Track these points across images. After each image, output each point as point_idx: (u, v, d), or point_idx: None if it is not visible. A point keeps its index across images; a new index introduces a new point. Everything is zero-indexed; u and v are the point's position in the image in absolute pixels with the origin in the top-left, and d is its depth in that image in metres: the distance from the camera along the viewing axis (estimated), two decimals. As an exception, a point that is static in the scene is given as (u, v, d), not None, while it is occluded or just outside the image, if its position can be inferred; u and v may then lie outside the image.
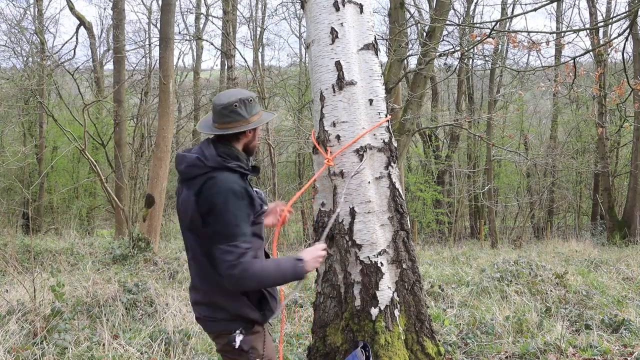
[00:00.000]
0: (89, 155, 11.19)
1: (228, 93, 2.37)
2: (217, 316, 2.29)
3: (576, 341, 4.25)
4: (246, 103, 2.33)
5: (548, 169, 19.97)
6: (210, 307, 2.29)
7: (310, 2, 3.31)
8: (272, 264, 2.28)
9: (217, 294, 2.26)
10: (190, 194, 2.23)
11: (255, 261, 2.18)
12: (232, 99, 2.31)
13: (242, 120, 2.31)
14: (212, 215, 2.17)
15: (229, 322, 2.28)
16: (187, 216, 2.26)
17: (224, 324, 2.28)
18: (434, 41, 10.31)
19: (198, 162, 2.23)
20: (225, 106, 2.30)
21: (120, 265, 8.07)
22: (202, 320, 2.35)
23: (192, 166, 2.24)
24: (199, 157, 2.24)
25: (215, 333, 2.33)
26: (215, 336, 2.34)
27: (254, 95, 2.40)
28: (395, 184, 3.26)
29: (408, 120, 10.36)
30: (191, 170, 2.25)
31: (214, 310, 2.29)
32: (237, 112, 2.30)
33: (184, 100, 23.46)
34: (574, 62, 6.55)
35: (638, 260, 9.13)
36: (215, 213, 2.16)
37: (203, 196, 2.19)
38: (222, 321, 2.29)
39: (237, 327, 2.27)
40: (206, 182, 2.20)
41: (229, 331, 2.27)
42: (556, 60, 19.01)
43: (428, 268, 8.40)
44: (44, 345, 3.91)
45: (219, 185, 2.19)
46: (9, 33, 18.37)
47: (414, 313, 3.22)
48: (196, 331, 4.49)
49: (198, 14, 20.70)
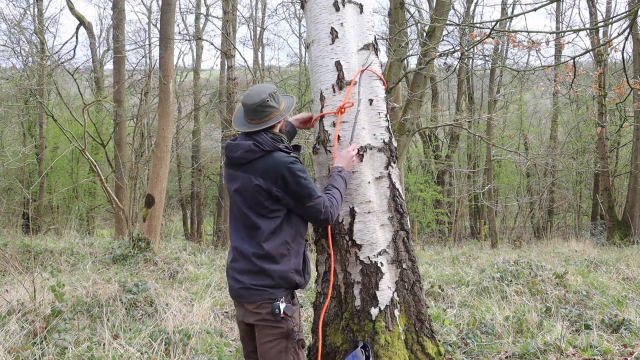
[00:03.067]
0: (89, 155, 11.18)
1: (257, 91, 2.69)
2: (263, 283, 2.55)
3: (576, 341, 4.25)
4: (273, 95, 2.69)
5: (548, 169, 19.97)
6: (258, 275, 2.56)
7: (310, 2, 3.31)
8: (332, 189, 2.78)
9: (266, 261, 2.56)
10: (250, 177, 2.60)
11: (328, 197, 2.71)
12: (263, 95, 2.65)
13: (275, 111, 2.69)
14: (288, 185, 2.57)
15: (273, 288, 2.56)
16: (247, 197, 2.62)
17: (268, 292, 2.55)
18: (434, 41, 10.30)
19: (255, 147, 2.60)
20: (260, 104, 2.64)
21: (120, 265, 8.07)
22: (244, 290, 2.58)
23: (249, 152, 2.61)
24: (255, 143, 2.61)
25: (258, 302, 2.56)
26: (257, 306, 2.57)
27: (275, 87, 2.77)
28: (395, 184, 3.26)
29: (408, 120, 10.35)
30: (247, 155, 2.61)
31: (260, 277, 2.56)
32: (270, 105, 2.66)
33: (184, 100, 23.46)
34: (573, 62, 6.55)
35: (638, 260, 9.14)
36: (289, 182, 2.57)
37: (271, 174, 2.57)
38: (267, 288, 2.55)
39: (281, 295, 2.56)
40: (268, 163, 2.58)
41: (273, 299, 2.55)
42: (556, 60, 19.01)
43: (428, 268, 8.41)
44: (44, 345, 3.91)
45: (280, 161, 2.58)
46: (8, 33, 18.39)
47: (414, 313, 3.22)
48: (196, 331, 4.49)
49: (198, 14, 20.70)
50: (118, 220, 13.32)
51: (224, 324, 5.08)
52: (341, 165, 2.92)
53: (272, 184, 2.57)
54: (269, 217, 2.59)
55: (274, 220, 2.60)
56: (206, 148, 23.71)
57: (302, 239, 2.71)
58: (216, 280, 6.92)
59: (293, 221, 2.66)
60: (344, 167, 2.92)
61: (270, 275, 2.56)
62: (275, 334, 2.57)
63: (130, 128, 18.17)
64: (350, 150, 2.99)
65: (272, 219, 2.59)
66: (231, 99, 16.59)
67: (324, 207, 2.65)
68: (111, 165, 16.21)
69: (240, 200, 2.66)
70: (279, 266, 2.57)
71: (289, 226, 2.64)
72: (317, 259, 3.23)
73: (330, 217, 2.69)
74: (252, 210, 2.62)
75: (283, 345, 2.57)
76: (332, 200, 2.73)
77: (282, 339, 2.57)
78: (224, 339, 4.63)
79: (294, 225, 2.66)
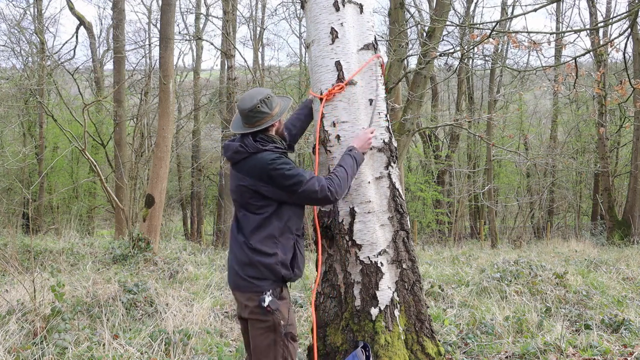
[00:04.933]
0: (89, 155, 11.18)
1: (249, 96, 2.76)
2: (251, 274, 2.66)
3: (576, 341, 4.24)
4: (266, 101, 2.75)
5: (548, 169, 19.97)
6: (247, 266, 2.68)
7: (310, 2, 3.31)
8: (337, 168, 2.84)
9: (253, 253, 2.67)
10: (238, 175, 2.73)
11: (328, 176, 2.77)
12: (255, 101, 2.72)
13: (266, 116, 2.75)
14: (274, 179, 2.64)
15: (259, 280, 2.66)
16: (238, 193, 2.75)
17: (255, 283, 2.65)
18: (434, 41, 10.29)
19: (240, 148, 2.72)
20: (251, 109, 2.72)
21: (120, 265, 8.07)
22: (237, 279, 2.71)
23: (236, 152, 2.73)
24: (241, 144, 2.73)
25: (247, 294, 2.68)
26: (247, 299, 2.68)
27: (269, 91, 2.83)
28: (395, 184, 3.26)
29: (408, 120, 10.35)
30: (235, 155, 2.74)
31: (249, 268, 2.67)
32: (262, 111, 2.73)
33: (184, 100, 23.45)
34: (574, 62, 6.53)
35: (638, 260, 9.14)
36: (275, 177, 2.64)
37: (255, 173, 2.66)
38: (253, 280, 2.66)
39: (268, 288, 2.65)
40: (252, 164, 2.68)
41: (260, 291, 2.64)
42: (556, 60, 19.00)
43: (428, 268, 8.40)
44: (44, 345, 3.91)
45: (263, 160, 2.66)
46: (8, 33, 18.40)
47: (414, 313, 3.22)
48: (196, 331, 4.49)
49: (198, 14, 20.70)
50: (118, 220, 13.32)
51: (224, 324, 5.08)
52: (355, 144, 2.98)
53: (257, 181, 2.67)
54: (256, 212, 2.71)
55: (260, 215, 2.70)
56: (206, 148, 23.71)
57: (291, 234, 2.75)
58: (216, 280, 6.92)
59: (284, 216, 2.73)
60: (358, 147, 2.97)
61: (257, 266, 2.66)
62: (264, 327, 2.66)
63: (130, 128, 18.16)
64: (368, 131, 3.07)
65: (259, 215, 2.70)
66: (231, 99, 16.59)
67: (319, 186, 2.68)
68: (111, 165, 16.20)
69: (234, 195, 2.82)
70: (265, 258, 2.66)
71: (278, 220, 2.71)
72: (317, 259, 3.23)
73: (332, 195, 2.71)
74: (242, 206, 2.76)
75: (272, 338, 2.66)
76: (334, 179, 2.76)
77: (270, 332, 2.66)
78: (224, 339, 4.63)
79: (284, 220, 2.73)
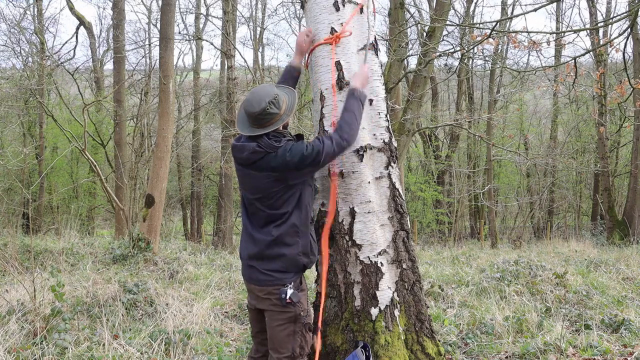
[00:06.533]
0: (88, 155, 11.18)
1: (257, 99, 2.72)
2: (273, 267, 2.71)
3: (576, 341, 4.24)
4: (274, 102, 2.73)
5: (548, 169, 19.98)
6: (268, 260, 2.73)
7: (310, 2, 3.31)
8: (343, 113, 2.84)
9: (276, 246, 2.71)
10: (262, 174, 2.71)
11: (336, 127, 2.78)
12: (263, 104, 2.69)
13: (276, 116, 2.74)
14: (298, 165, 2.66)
15: (282, 273, 2.71)
16: (260, 190, 2.74)
17: (277, 277, 2.71)
18: (434, 41, 10.29)
19: (258, 149, 2.70)
20: (260, 112, 2.69)
21: (120, 265, 8.07)
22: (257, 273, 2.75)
23: (254, 153, 2.71)
24: (258, 145, 2.71)
25: (267, 288, 2.72)
26: (267, 292, 2.73)
27: (275, 89, 2.80)
28: (395, 184, 3.25)
29: (408, 120, 10.34)
30: (252, 156, 2.71)
31: (271, 262, 2.72)
32: (271, 112, 2.71)
33: (184, 100, 23.47)
34: (574, 61, 6.53)
35: (638, 260, 9.12)
36: (298, 163, 2.66)
37: (280, 167, 2.67)
38: (275, 273, 2.71)
39: (289, 280, 2.72)
40: (273, 158, 2.68)
41: (282, 284, 2.70)
42: (556, 60, 19.02)
43: (428, 268, 8.40)
44: (44, 345, 3.90)
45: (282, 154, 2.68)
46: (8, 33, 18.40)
47: (414, 313, 3.22)
48: (196, 331, 4.49)
49: (198, 14, 20.70)
50: (118, 220, 13.31)
51: (224, 324, 5.08)
52: (355, 84, 2.96)
53: (284, 172, 2.69)
54: (280, 205, 2.73)
55: (284, 207, 2.73)
56: (206, 148, 23.71)
57: (309, 220, 2.83)
58: (216, 280, 6.91)
59: (303, 204, 2.78)
60: (359, 86, 2.95)
61: (280, 259, 2.72)
62: (284, 318, 2.73)
63: (130, 128, 18.16)
64: (365, 67, 3.08)
65: (283, 207, 2.73)
66: (231, 99, 16.58)
67: (334, 142, 2.71)
68: (111, 165, 16.21)
69: (251, 193, 2.80)
70: (288, 249, 2.72)
71: (298, 210, 2.76)
72: (318, 259, 3.22)
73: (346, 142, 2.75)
74: (263, 202, 2.76)
75: (291, 329, 2.74)
76: (344, 127, 2.77)
77: (291, 323, 2.74)
78: (224, 339, 4.63)
79: (304, 208, 2.78)
